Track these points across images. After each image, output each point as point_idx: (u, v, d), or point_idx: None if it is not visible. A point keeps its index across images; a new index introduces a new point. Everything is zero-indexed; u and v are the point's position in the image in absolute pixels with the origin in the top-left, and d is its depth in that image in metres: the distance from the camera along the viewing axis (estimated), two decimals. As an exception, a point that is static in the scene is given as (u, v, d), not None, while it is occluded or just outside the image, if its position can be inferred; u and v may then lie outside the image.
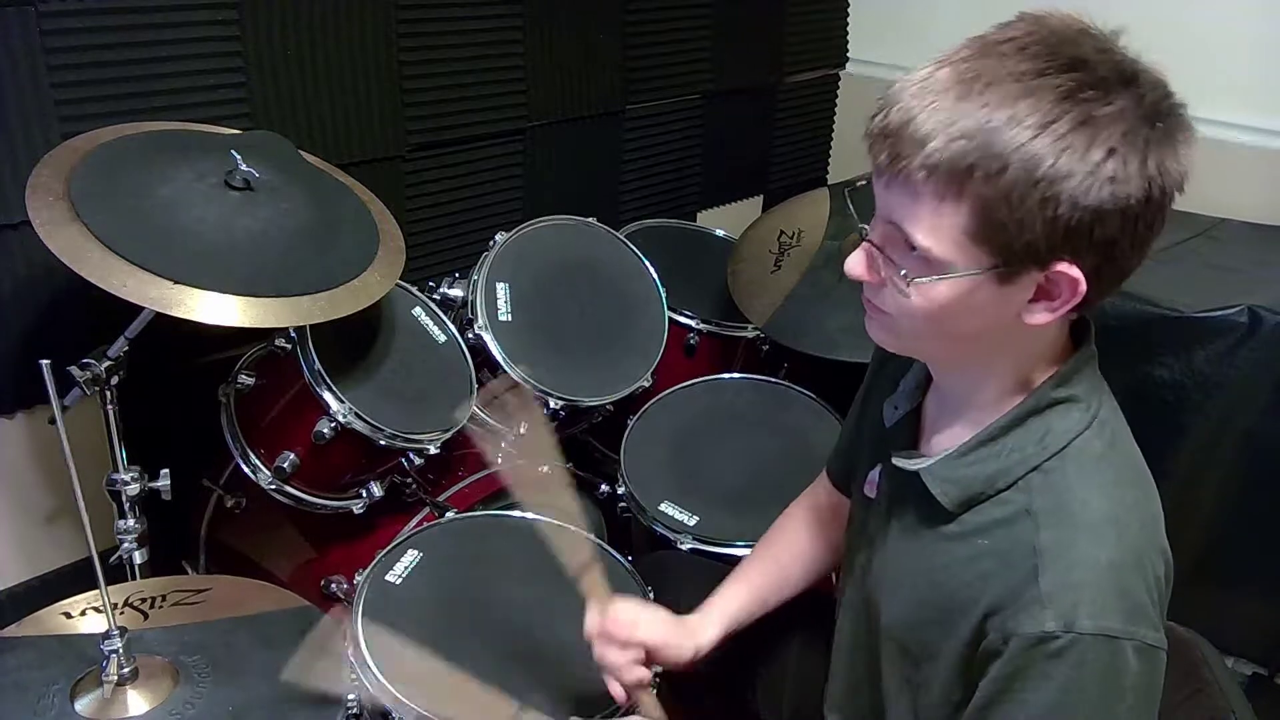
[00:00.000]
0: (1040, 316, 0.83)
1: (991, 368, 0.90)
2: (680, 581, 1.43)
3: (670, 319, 1.96)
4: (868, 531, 1.06)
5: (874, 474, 1.07)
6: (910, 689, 0.97)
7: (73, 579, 1.72)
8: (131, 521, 1.41)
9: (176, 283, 1.22)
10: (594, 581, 1.18)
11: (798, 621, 1.27)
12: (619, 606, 1.14)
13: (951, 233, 0.79)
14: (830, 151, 3.04)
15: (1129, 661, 0.81)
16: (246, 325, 1.25)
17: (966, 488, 0.89)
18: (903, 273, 0.82)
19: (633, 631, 1.12)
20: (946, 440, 0.95)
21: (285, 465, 1.47)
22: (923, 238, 0.80)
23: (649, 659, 1.13)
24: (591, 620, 1.14)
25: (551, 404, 1.72)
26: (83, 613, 1.18)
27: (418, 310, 1.69)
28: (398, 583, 1.36)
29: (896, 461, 0.97)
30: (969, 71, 0.78)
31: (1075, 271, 0.79)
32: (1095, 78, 0.77)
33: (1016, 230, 0.77)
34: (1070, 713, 0.82)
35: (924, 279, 0.82)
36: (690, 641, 1.15)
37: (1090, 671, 0.81)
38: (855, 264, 0.87)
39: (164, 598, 1.22)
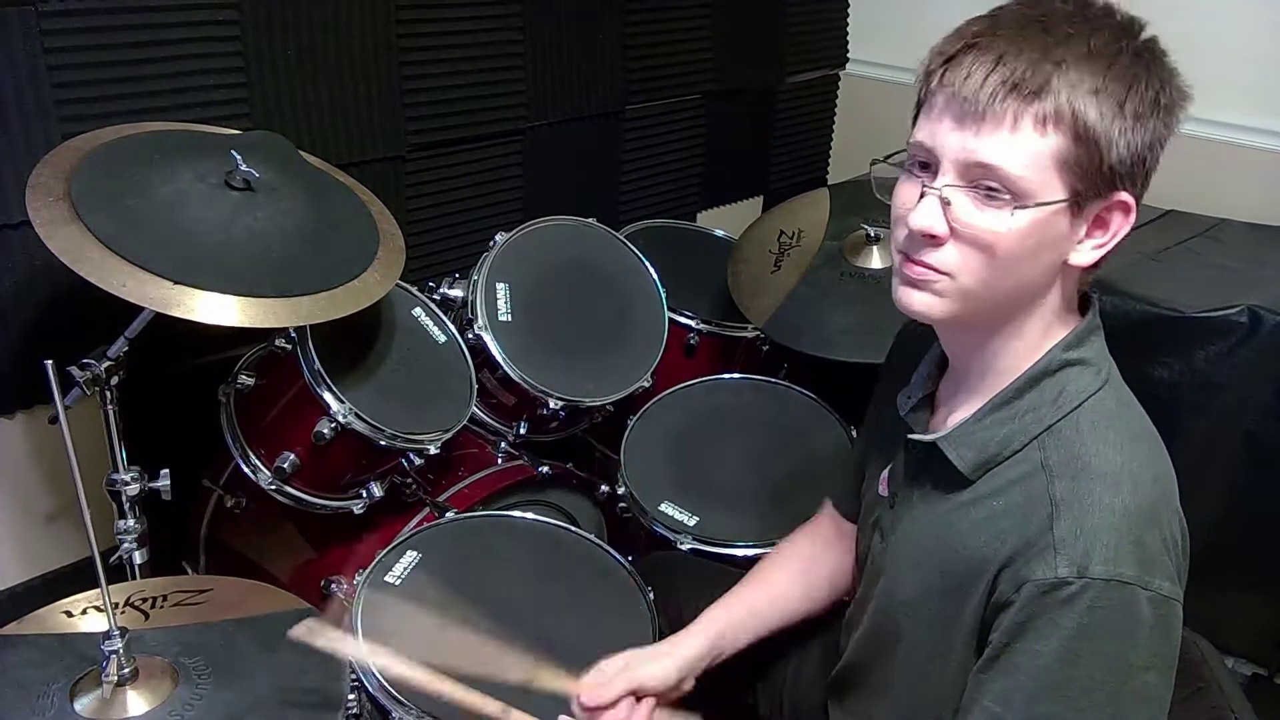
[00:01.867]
0: (1086, 256, 0.87)
1: (1016, 329, 0.91)
2: (680, 581, 1.43)
3: (670, 319, 1.96)
4: (881, 524, 1.06)
5: (885, 473, 1.08)
6: (930, 665, 0.97)
7: (73, 579, 1.72)
8: (131, 521, 1.41)
9: (176, 283, 1.21)
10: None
11: (799, 624, 1.27)
12: (583, 679, 1.09)
13: (1047, 160, 0.82)
14: (830, 151, 3.04)
15: (1143, 611, 0.80)
16: (246, 325, 1.25)
17: (982, 450, 0.90)
18: (1001, 203, 0.83)
19: (605, 687, 1.08)
20: (962, 415, 0.96)
21: (285, 465, 1.47)
22: (1019, 168, 0.82)
23: (638, 697, 1.09)
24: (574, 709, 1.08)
25: (551, 404, 1.72)
26: (84, 612, 1.18)
27: (418, 310, 1.69)
28: (397, 583, 1.36)
29: (914, 436, 0.98)
30: (1034, 11, 0.85)
31: (1129, 198, 0.85)
32: (1117, 23, 0.85)
33: (1101, 155, 0.82)
34: (1081, 663, 0.81)
35: (1021, 207, 0.83)
36: (668, 658, 1.12)
37: (1102, 619, 0.80)
38: (927, 215, 0.86)
39: (165, 598, 1.22)
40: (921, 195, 0.87)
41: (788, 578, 1.24)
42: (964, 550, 0.90)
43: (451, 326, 1.71)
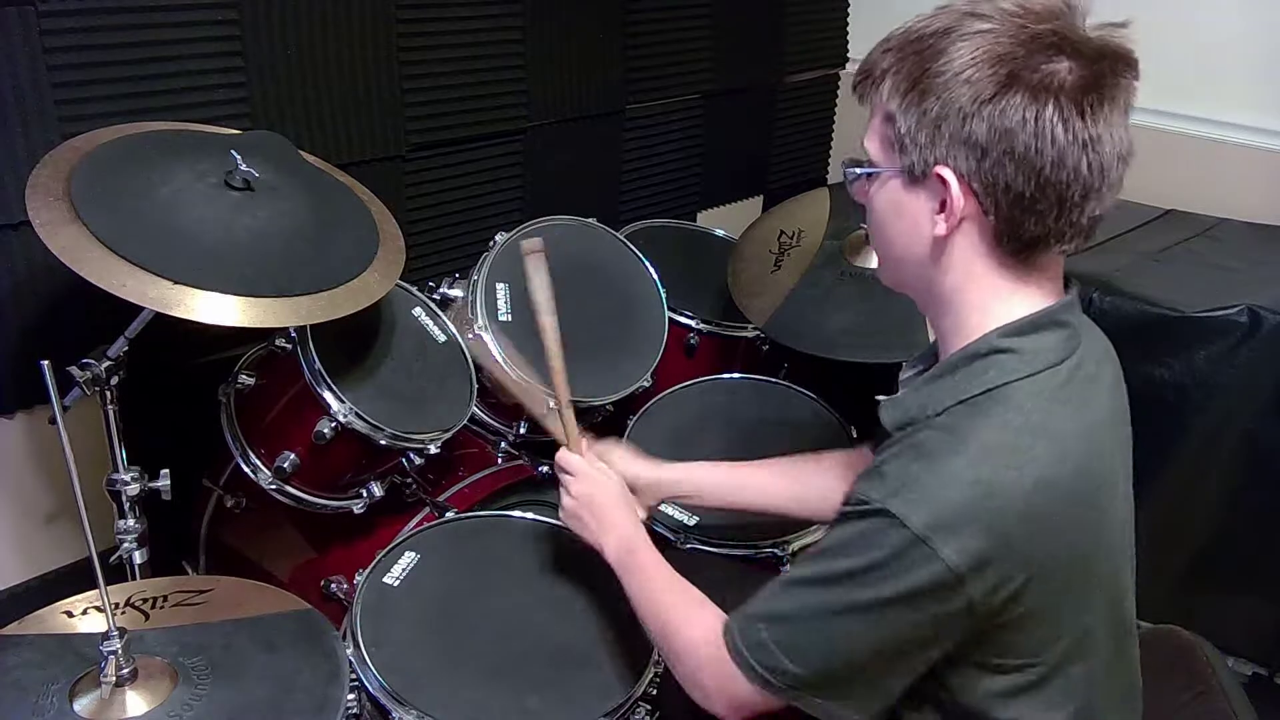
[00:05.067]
0: (940, 227, 0.91)
1: (945, 307, 0.96)
2: (696, 580, 1.42)
3: (670, 319, 1.96)
4: None
5: None
6: None
7: (73, 579, 1.72)
8: (131, 521, 1.41)
9: (176, 283, 1.21)
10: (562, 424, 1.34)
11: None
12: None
13: (876, 133, 0.94)
14: (830, 151, 3.04)
15: (912, 560, 0.84)
16: (246, 325, 1.25)
17: (905, 412, 0.95)
18: (857, 170, 0.96)
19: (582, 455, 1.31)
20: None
21: (285, 465, 1.47)
22: (866, 141, 0.95)
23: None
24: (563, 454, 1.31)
25: (551, 404, 1.71)
26: (84, 612, 1.18)
27: (418, 310, 1.69)
28: (395, 584, 1.36)
29: (878, 398, 1.02)
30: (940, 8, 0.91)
31: (950, 175, 0.88)
32: (1010, 12, 0.86)
33: (906, 128, 0.90)
34: (834, 563, 0.89)
35: (868, 178, 0.96)
36: (648, 462, 1.34)
37: (874, 542, 0.86)
38: (849, 185, 1.00)
39: (165, 598, 1.22)
40: None
41: (774, 474, 1.37)
42: None
43: (451, 327, 1.71)
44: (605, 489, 1.26)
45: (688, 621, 1.07)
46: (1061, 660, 0.92)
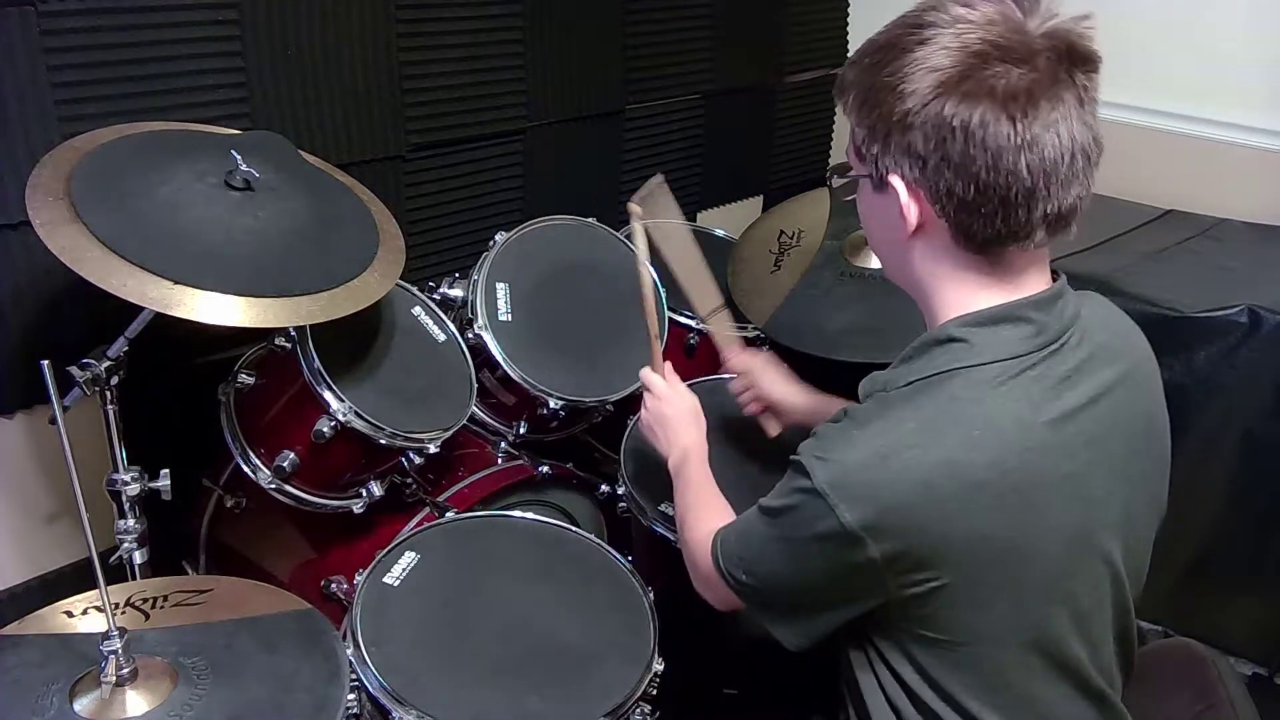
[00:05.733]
0: (903, 230, 0.96)
1: (923, 299, 1.01)
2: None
3: (670, 319, 1.96)
4: None
5: None
6: None
7: (73, 579, 1.72)
8: (131, 521, 1.41)
9: (176, 283, 1.21)
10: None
11: None
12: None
13: (850, 144, 0.99)
14: (830, 151, 3.04)
15: (814, 513, 0.92)
16: (247, 325, 1.25)
17: (873, 386, 1.00)
18: (840, 180, 1.03)
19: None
20: None
21: (285, 465, 1.47)
22: (848, 145, 1.00)
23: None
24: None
25: (552, 404, 1.72)
26: (84, 612, 1.18)
27: (418, 310, 1.69)
28: (395, 584, 1.36)
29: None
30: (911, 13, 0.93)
31: (898, 182, 0.93)
32: (959, 20, 0.88)
33: (861, 138, 0.95)
34: (774, 497, 0.99)
35: (845, 180, 1.02)
36: (796, 384, 1.48)
37: (788, 491, 0.96)
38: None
39: (165, 598, 1.22)
40: None
41: None
42: None
43: (451, 326, 1.71)
44: (676, 408, 1.37)
45: (700, 522, 1.19)
46: (988, 647, 0.95)
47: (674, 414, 1.37)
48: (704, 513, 1.22)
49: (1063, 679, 0.99)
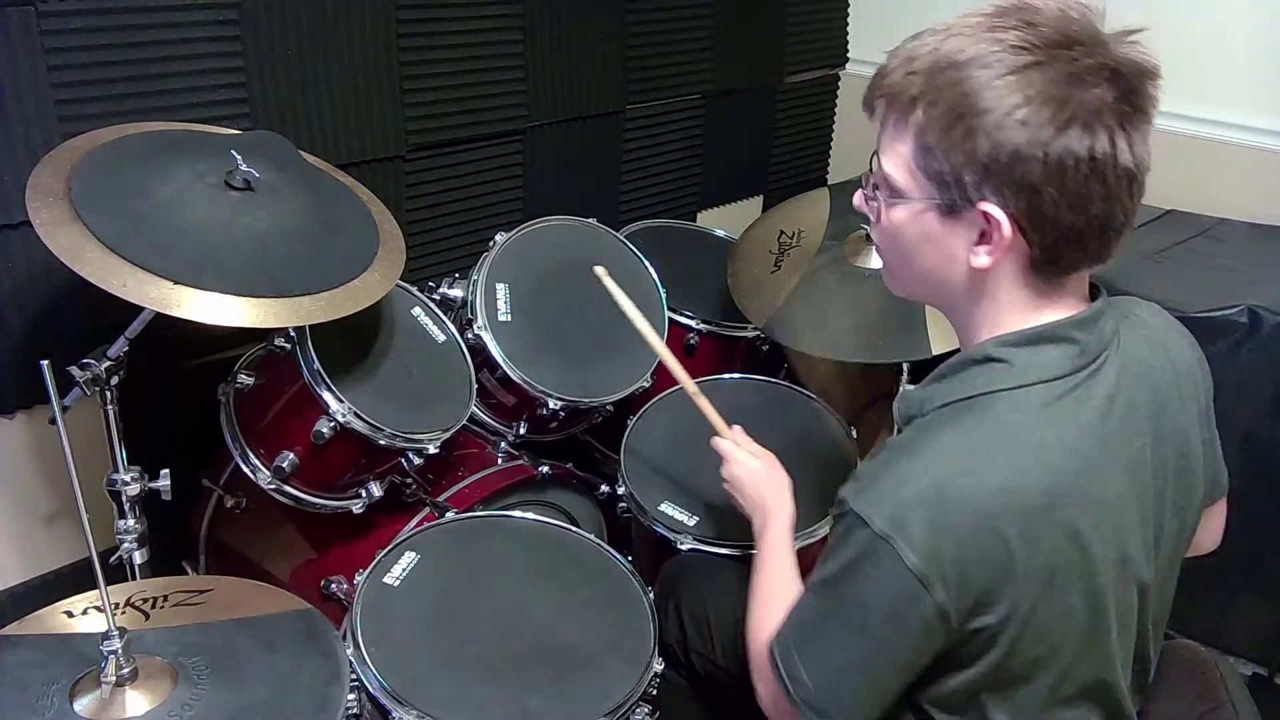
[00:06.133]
0: (982, 260, 0.89)
1: (964, 318, 0.97)
2: (706, 582, 1.43)
3: (670, 319, 1.96)
4: None
5: None
6: None
7: (73, 579, 1.72)
8: (131, 521, 1.41)
9: (176, 283, 1.21)
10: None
11: None
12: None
13: (904, 160, 0.90)
14: (830, 151, 3.04)
15: (881, 560, 0.87)
16: (247, 325, 1.25)
17: (908, 407, 0.97)
18: (875, 190, 0.94)
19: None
20: None
21: (285, 465, 1.47)
22: (886, 164, 0.92)
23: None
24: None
25: (551, 404, 1.72)
26: (84, 612, 1.18)
27: (418, 310, 1.69)
28: (395, 584, 1.36)
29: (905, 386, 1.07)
30: (941, 24, 0.88)
31: (998, 213, 0.86)
32: (1040, 35, 0.83)
33: (945, 160, 0.86)
34: (826, 567, 0.94)
35: (887, 204, 0.93)
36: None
37: (848, 544, 0.90)
38: (857, 197, 0.99)
39: (165, 598, 1.22)
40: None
41: None
42: None
43: (451, 326, 1.71)
44: (747, 473, 1.34)
45: (763, 620, 1.10)
46: (1039, 680, 0.93)
47: (743, 481, 1.33)
48: (765, 608, 1.12)
49: (1097, 707, 0.98)
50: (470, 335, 1.71)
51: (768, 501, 1.29)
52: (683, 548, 1.57)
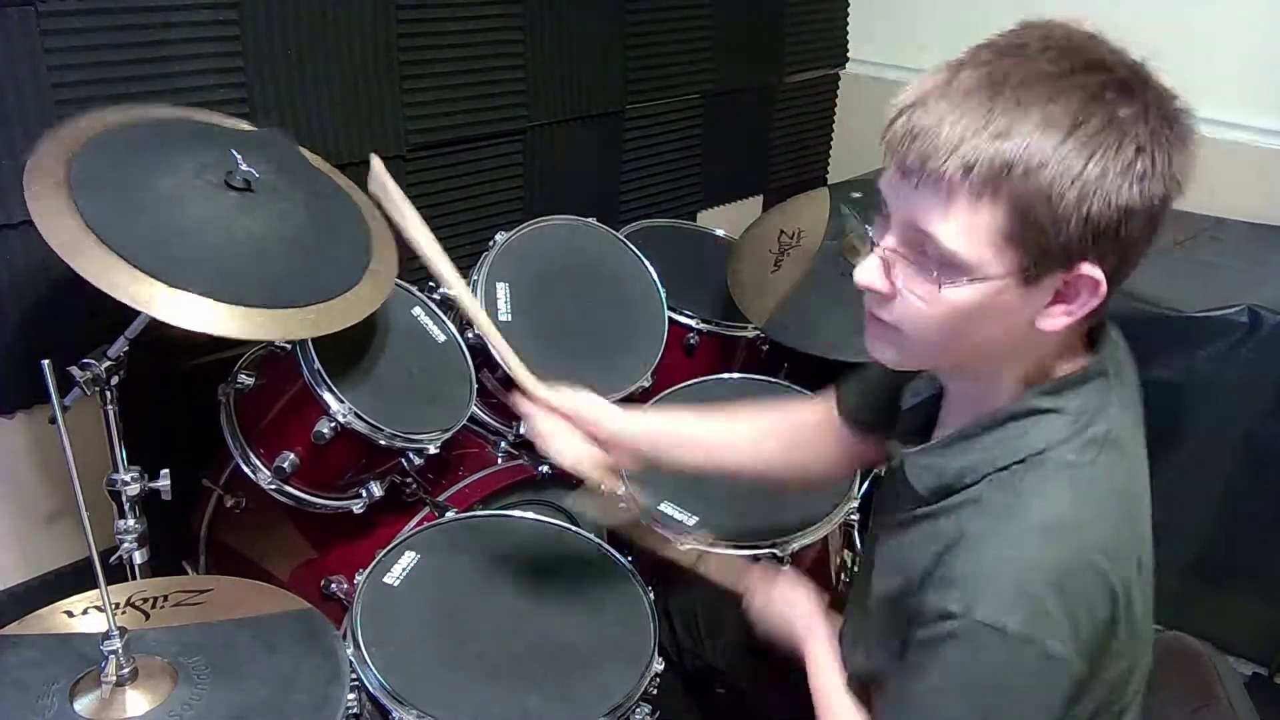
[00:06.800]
0: (1057, 321, 0.83)
1: (998, 375, 0.89)
2: (701, 583, 1.42)
3: (670, 319, 1.96)
4: (878, 505, 1.07)
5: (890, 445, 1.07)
6: (887, 663, 0.97)
7: (73, 579, 1.72)
8: (131, 521, 1.41)
9: (174, 287, 1.21)
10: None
11: None
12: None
13: (985, 234, 0.78)
14: (830, 151, 3.04)
15: (1025, 663, 0.80)
16: (236, 337, 1.25)
17: (939, 475, 0.90)
18: (933, 274, 0.81)
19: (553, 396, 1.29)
20: (938, 436, 0.96)
21: (285, 465, 1.47)
22: (952, 240, 0.79)
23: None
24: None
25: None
26: (84, 612, 1.18)
27: (417, 310, 1.69)
28: (396, 584, 1.36)
29: (889, 449, 0.99)
30: (996, 73, 0.78)
31: (1098, 273, 0.80)
32: (1115, 79, 0.78)
33: (1053, 229, 0.77)
34: (956, 697, 0.84)
35: (953, 283, 0.81)
36: (617, 411, 1.26)
37: (982, 662, 0.81)
38: (868, 272, 0.85)
39: (166, 598, 1.22)
40: (870, 249, 0.86)
41: (736, 425, 1.29)
42: (906, 566, 0.91)
43: (451, 326, 1.71)
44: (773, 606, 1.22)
45: None
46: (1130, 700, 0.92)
47: (773, 613, 1.22)
48: None
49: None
50: (470, 335, 1.71)
51: (797, 623, 1.18)
52: (682, 548, 1.57)
